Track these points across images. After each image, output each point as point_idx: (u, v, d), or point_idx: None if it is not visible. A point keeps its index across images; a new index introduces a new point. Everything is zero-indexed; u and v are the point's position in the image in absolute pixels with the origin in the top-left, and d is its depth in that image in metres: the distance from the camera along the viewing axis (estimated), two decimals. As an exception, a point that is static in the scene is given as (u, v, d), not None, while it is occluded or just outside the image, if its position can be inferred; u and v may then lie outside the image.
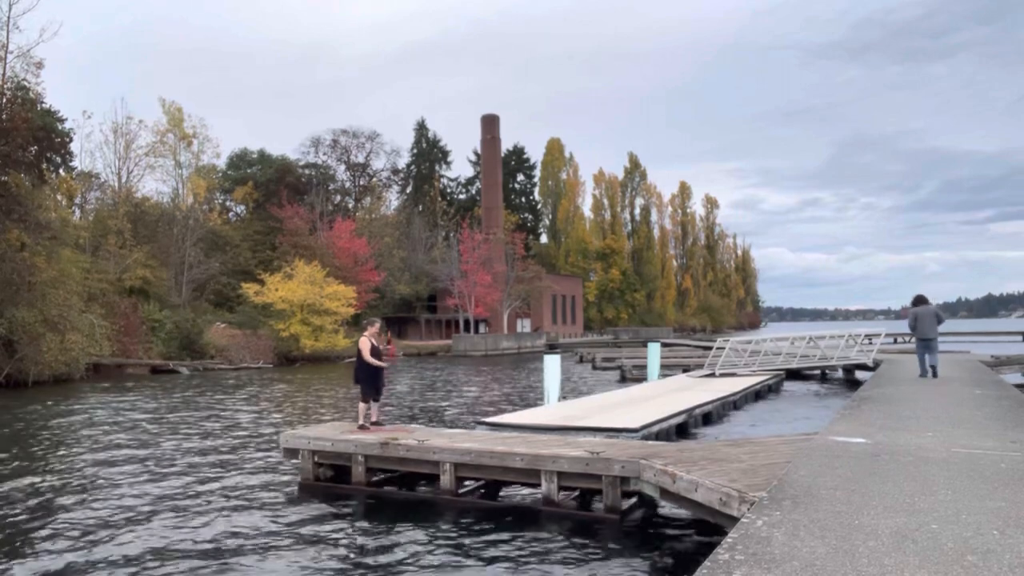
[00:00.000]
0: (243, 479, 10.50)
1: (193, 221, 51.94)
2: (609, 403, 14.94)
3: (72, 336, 30.57)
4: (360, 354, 10.50)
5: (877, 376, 17.29)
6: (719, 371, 22.40)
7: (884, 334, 28.21)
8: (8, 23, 31.45)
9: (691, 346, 46.32)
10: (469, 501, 8.93)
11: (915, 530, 4.36)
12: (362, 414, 10.55)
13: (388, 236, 68.16)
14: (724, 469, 6.79)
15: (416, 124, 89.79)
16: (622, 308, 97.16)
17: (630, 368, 27.82)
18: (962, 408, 10.52)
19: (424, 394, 23.48)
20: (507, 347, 56.33)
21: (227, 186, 67.04)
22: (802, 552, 3.97)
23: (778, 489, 5.51)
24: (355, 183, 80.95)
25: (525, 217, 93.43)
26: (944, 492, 5.33)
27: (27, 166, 32.75)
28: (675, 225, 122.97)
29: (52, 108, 38.51)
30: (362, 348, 10.47)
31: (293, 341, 43.92)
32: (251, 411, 19.24)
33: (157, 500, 9.29)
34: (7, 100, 31.38)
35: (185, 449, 13.19)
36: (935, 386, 13.98)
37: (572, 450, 8.34)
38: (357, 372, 10.58)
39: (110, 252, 44.79)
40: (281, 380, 30.55)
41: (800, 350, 26.76)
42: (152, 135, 51.92)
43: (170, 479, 10.58)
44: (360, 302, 50.19)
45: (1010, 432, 8.20)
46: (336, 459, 9.78)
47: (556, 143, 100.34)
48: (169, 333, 38.75)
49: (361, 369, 10.51)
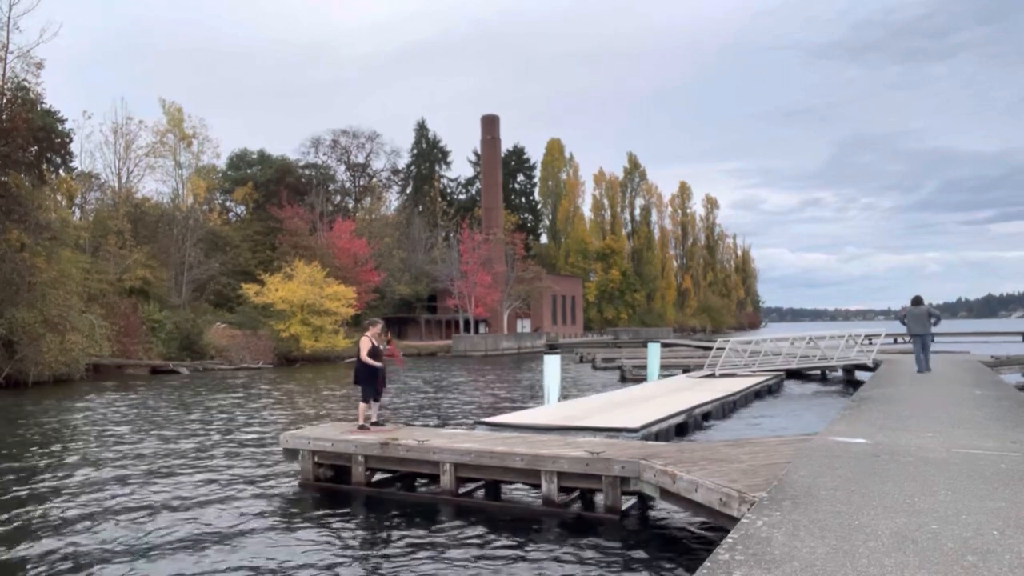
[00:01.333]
0: (243, 479, 10.49)
1: (193, 221, 51.94)
2: (609, 403, 14.94)
3: (72, 336, 30.58)
4: (359, 354, 10.50)
5: (877, 376, 17.29)
6: (719, 371, 22.40)
7: (884, 334, 28.20)
8: (8, 23, 31.51)
9: (691, 346, 46.33)
10: (469, 501, 8.93)
11: (915, 530, 4.36)
12: (362, 414, 10.52)
13: (388, 236, 68.19)
14: (724, 469, 6.79)
15: (416, 124, 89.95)
16: (622, 308, 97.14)
17: (630, 368, 27.82)
18: (962, 408, 10.52)
19: (424, 394, 23.48)
20: (507, 347, 56.33)
21: (227, 186, 67.07)
22: (802, 552, 3.97)
23: (778, 489, 5.51)
24: (355, 183, 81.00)
25: (525, 217, 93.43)
26: (944, 492, 5.33)
27: (27, 166, 32.75)
28: (675, 225, 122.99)
29: (52, 108, 38.52)
30: (361, 348, 10.45)
31: (293, 341, 43.93)
32: (251, 411, 19.24)
33: (156, 500, 9.29)
34: (7, 100, 31.38)
35: (185, 449, 13.19)
36: (935, 386, 13.98)
37: (572, 450, 8.34)
38: (357, 372, 10.56)
39: (110, 252, 44.80)
40: (281, 380, 30.55)
41: (800, 350, 26.76)
42: (152, 135, 52.06)
43: (169, 479, 10.57)
44: (360, 302, 50.20)
45: (1010, 432, 8.20)
46: (336, 459, 9.77)
47: (556, 143, 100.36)
48: (169, 333, 38.76)
49: (361, 369, 10.48)
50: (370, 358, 10.39)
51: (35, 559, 7.07)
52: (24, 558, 7.10)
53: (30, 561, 7.01)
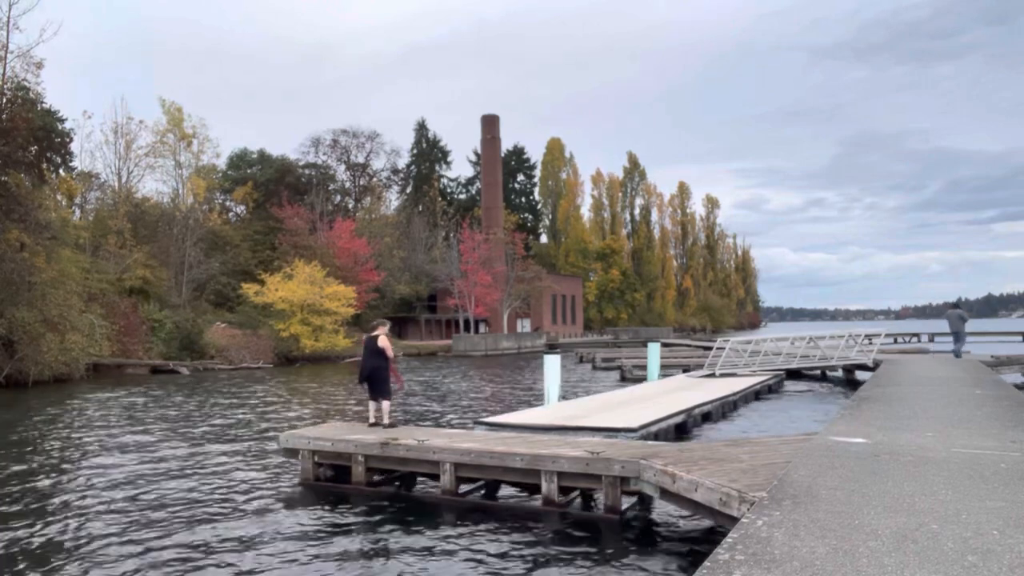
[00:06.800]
0: (243, 479, 10.49)
1: (193, 221, 51.92)
2: (609, 403, 14.93)
3: (72, 336, 30.58)
4: (383, 353, 10.66)
5: (877, 376, 17.28)
6: (719, 371, 22.39)
7: (884, 334, 28.19)
8: (8, 23, 31.46)
9: (691, 346, 46.31)
10: (469, 501, 8.93)
11: (915, 530, 4.36)
12: (387, 412, 10.73)
13: (388, 236, 68.19)
14: (724, 469, 6.79)
15: (416, 124, 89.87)
16: (622, 308, 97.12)
17: (630, 368, 27.81)
18: (962, 408, 10.52)
19: (424, 394, 23.47)
20: (507, 347, 56.31)
21: (227, 186, 67.04)
22: (802, 552, 3.97)
23: (778, 489, 5.50)
24: (355, 183, 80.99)
25: (525, 217, 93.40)
26: (944, 492, 5.33)
27: (27, 166, 32.73)
28: (675, 225, 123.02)
29: (52, 108, 38.46)
30: (387, 349, 10.70)
31: (293, 341, 43.92)
32: (251, 411, 19.23)
33: (156, 499, 9.29)
34: (7, 100, 31.36)
35: (184, 449, 13.18)
36: (935, 386, 13.98)
37: (572, 450, 8.33)
38: (378, 371, 10.70)
39: (110, 252, 44.78)
40: (281, 380, 30.54)
41: (800, 350, 26.74)
42: (152, 135, 52.04)
43: (169, 479, 10.57)
44: (360, 302, 50.19)
45: (1010, 432, 8.20)
46: (336, 459, 9.77)
47: (556, 143, 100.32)
48: (169, 333, 38.75)
49: (384, 367, 10.71)
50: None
51: (35, 559, 7.07)
52: (24, 558, 7.10)
53: (30, 561, 7.01)
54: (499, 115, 73.37)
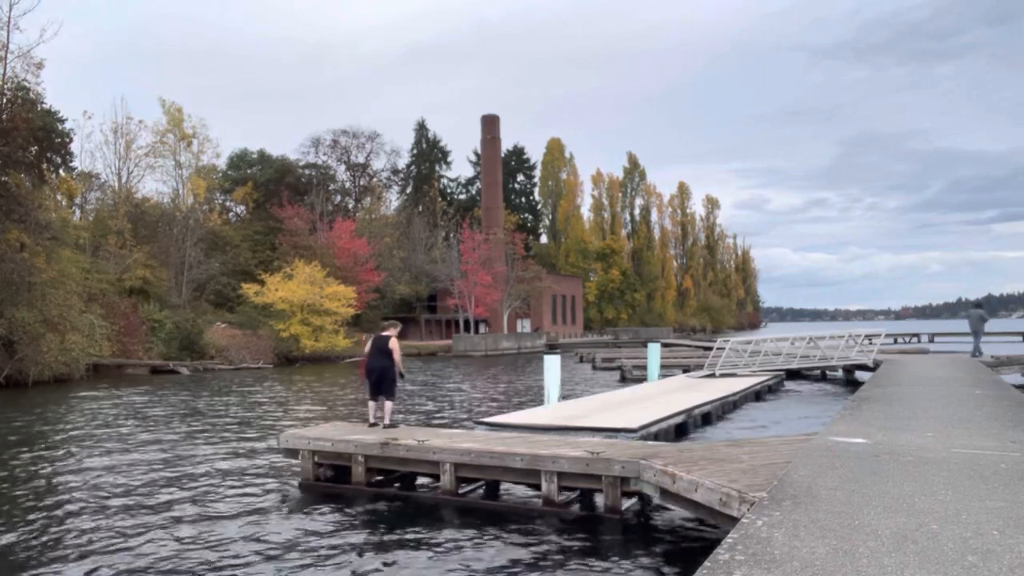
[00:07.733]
0: (243, 479, 10.50)
1: (193, 221, 51.93)
2: (609, 403, 14.93)
3: (72, 336, 30.58)
4: (391, 354, 10.75)
5: (877, 376, 17.28)
6: (719, 371, 22.39)
7: (884, 334, 28.17)
8: (8, 23, 31.47)
9: (691, 346, 46.29)
10: (469, 501, 8.93)
11: (915, 530, 4.36)
12: (388, 413, 10.77)
13: (388, 236, 68.17)
14: (724, 469, 6.79)
15: (416, 124, 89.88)
16: (622, 308, 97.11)
17: (630, 368, 27.80)
18: (962, 408, 10.52)
19: (424, 394, 23.47)
20: (507, 347, 56.31)
21: (227, 186, 67.06)
22: (802, 552, 3.97)
23: (778, 489, 5.51)
24: (355, 183, 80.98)
25: (525, 217, 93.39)
26: (944, 492, 5.33)
27: (27, 166, 32.74)
28: (675, 225, 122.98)
29: (52, 108, 38.49)
30: (396, 351, 10.80)
31: (293, 341, 43.93)
32: (251, 411, 19.24)
33: (155, 499, 9.29)
34: (7, 100, 31.37)
35: (184, 449, 13.19)
36: (935, 386, 13.98)
37: (572, 450, 8.33)
38: (386, 371, 10.75)
39: (110, 252, 44.78)
40: (281, 380, 30.55)
41: (800, 350, 26.72)
42: (152, 135, 52.04)
43: (168, 479, 10.57)
44: (360, 302, 50.19)
45: (1010, 432, 8.20)
46: (336, 459, 9.77)
47: (556, 143, 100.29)
48: (169, 333, 38.75)
49: (390, 367, 10.78)
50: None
51: (35, 559, 7.07)
52: (24, 558, 7.10)
53: (30, 561, 7.01)
54: (499, 115, 73.40)
